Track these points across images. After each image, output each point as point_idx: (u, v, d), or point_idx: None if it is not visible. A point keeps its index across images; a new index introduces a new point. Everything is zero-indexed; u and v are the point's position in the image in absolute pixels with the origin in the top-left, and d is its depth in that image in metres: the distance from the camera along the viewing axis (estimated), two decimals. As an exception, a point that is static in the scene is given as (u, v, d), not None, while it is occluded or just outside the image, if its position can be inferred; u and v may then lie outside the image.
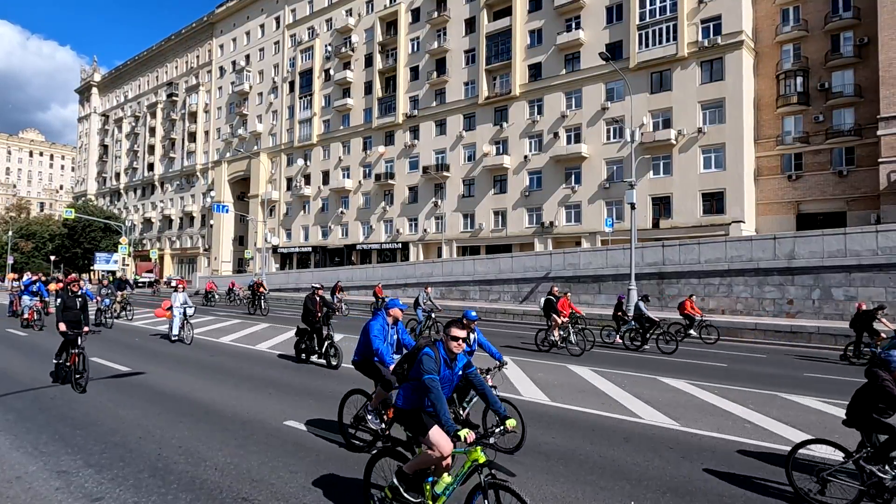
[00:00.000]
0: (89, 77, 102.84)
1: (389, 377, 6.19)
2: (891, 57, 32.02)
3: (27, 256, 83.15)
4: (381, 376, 6.44)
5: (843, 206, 34.42)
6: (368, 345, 6.44)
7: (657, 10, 38.71)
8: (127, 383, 10.05)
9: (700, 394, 9.73)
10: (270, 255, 61.39)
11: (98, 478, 5.49)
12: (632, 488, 5.43)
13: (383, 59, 55.43)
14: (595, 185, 41.06)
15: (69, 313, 9.77)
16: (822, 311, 20.79)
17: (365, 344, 6.52)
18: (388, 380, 6.25)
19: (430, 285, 25.22)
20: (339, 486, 5.37)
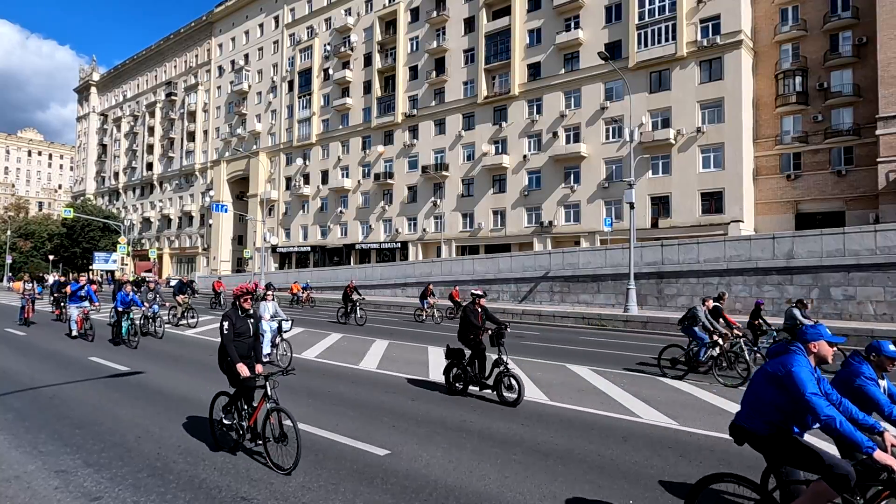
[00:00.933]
0: (88, 76, 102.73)
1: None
2: (889, 56, 32.06)
3: (26, 256, 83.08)
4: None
5: (842, 206, 34.46)
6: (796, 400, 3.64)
7: (656, 10, 38.73)
8: (126, 383, 10.04)
9: (699, 393, 9.74)
10: (269, 255, 61.39)
11: (97, 477, 5.48)
12: (630, 487, 5.44)
13: (382, 58, 55.41)
14: (594, 184, 41.08)
15: (242, 344, 6.12)
16: (821, 311, 20.79)
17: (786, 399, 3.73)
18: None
19: (430, 284, 25.20)
20: (338, 485, 5.37)
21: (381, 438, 6.83)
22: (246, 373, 5.87)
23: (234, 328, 6.13)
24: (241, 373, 5.85)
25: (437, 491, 5.26)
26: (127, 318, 14.33)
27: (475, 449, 6.52)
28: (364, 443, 6.63)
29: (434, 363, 12.45)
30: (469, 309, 9.54)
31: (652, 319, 21.67)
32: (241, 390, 6.09)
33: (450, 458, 6.20)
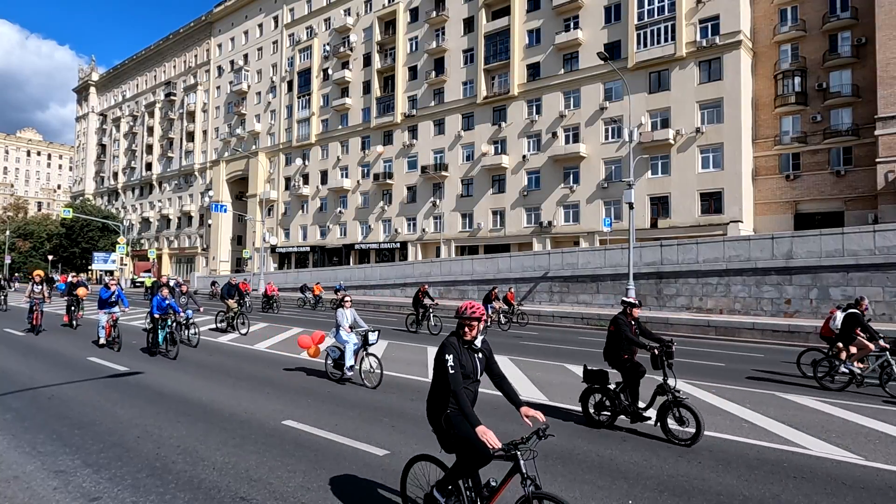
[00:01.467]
0: (87, 76, 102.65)
1: None
2: (888, 57, 32.09)
3: (24, 256, 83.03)
4: None
5: (841, 206, 34.49)
6: None
7: (655, 10, 38.75)
8: (125, 383, 10.04)
9: (697, 393, 9.74)
10: (269, 255, 61.38)
11: (96, 477, 5.48)
12: (629, 487, 5.44)
13: (382, 58, 55.41)
14: (593, 184, 41.10)
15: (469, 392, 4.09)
16: (820, 311, 20.80)
17: None
18: None
19: (429, 284, 25.22)
20: (337, 484, 5.37)
21: (379, 438, 6.83)
22: (495, 443, 3.71)
23: (462, 367, 4.05)
24: (488, 443, 3.70)
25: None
26: (164, 326, 12.93)
27: (474, 449, 6.51)
28: (363, 443, 6.63)
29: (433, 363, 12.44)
30: (621, 321, 7.63)
31: (651, 320, 21.66)
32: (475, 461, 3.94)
33: (449, 458, 6.19)
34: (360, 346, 10.30)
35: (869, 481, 5.71)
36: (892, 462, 6.29)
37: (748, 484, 5.57)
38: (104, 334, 14.05)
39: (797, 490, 5.42)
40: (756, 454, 6.50)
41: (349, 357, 10.24)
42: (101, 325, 14.07)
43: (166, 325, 12.92)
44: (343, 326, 10.52)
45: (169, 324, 12.90)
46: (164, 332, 12.91)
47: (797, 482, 5.62)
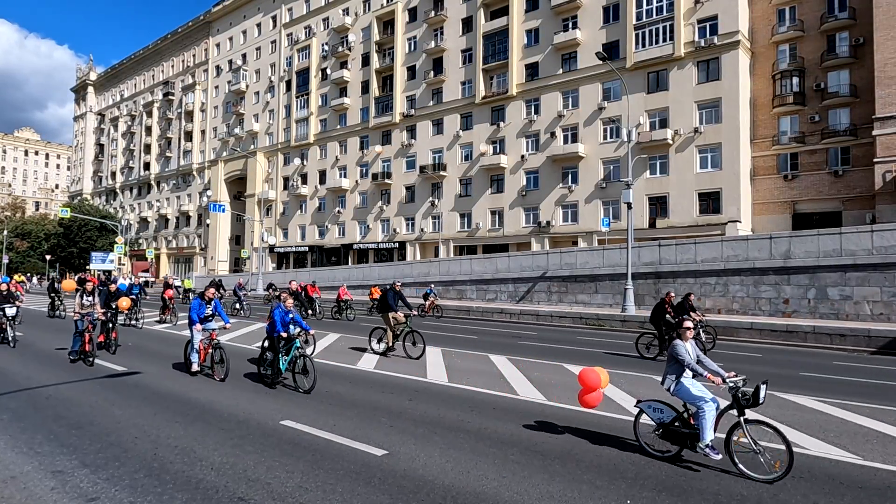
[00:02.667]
0: (85, 76, 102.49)
1: None
2: (886, 57, 32.15)
3: (22, 256, 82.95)
4: None
5: (839, 206, 34.55)
6: None
7: (654, 10, 38.78)
8: (122, 383, 10.02)
9: (696, 393, 9.74)
10: (267, 255, 61.33)
11: (93, 478, 5.47)
12: (628, 487, 5.44)
13: (380, 58, 55.38)
14: (592, 184, 41.11)
15: None
16: (818, 311, 20.85)
17: None
18: None
19: (427, 285, 25.26)
20: (335, 485, 5.37)
21: (378, 438, 6.82)
22: None
23: None
24: None
25: (434, 491, 5.26)
26: (290, 347, 9.68)
27: (473, 449, 6.52)
28: (361, 443, 6.62)
29: (431, 363, 12.46)
30: None
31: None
32: None
33: (447, 458, 6.20)
34: None
35: (866, 481, 5.71)
36: (889, 462, 6.29)
37: (746, 483, 5.57)
38: (198, 358, 10.66)
39: (795, 490, 5.43)
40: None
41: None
42: (193, 347, 10.67)
43: (293, 347, 9.66)
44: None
45: (298, 346, 9.71)
46: (285, 358, 9.66)
47: (795, 482, 5.62)
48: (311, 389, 9.14)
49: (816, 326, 18.27)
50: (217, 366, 10.38)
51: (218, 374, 10.28)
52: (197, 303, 10.65)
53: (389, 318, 13.39)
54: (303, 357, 9.53)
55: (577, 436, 7.14)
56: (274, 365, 9.72)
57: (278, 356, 9.65)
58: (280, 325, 9.63)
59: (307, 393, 9.10)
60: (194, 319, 10.44)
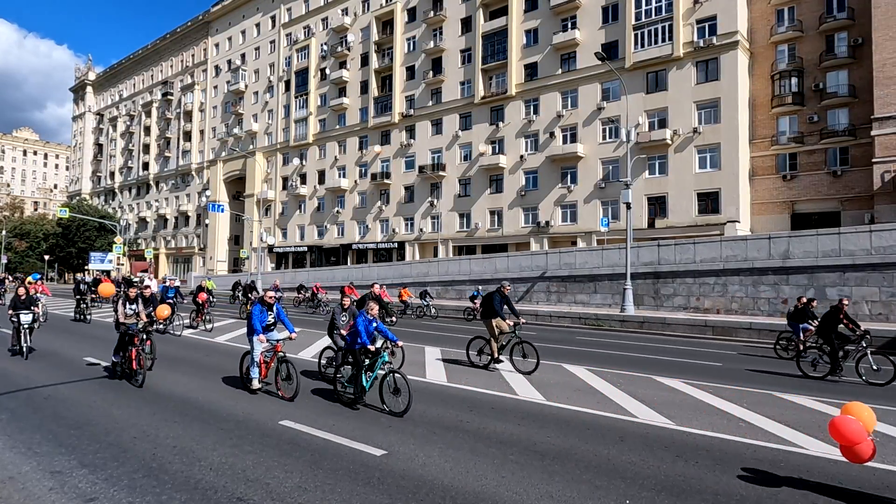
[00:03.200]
0: (84, 76, 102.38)
1: None
2: (885, 57, 32.18)
3: (21, 256, 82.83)
4: None
5: (838, 206, 34.58)
6: None
7: (653, 11, 38.79)
8: (120, 384, 10.00)
9: (695, 393, 9.76)
10: (266, 255, 61.30)
11: (92, 478, 5.46)
12: (627, 487, 5.45)
13: (379, 58, 55.37)
14: (591, 184, 41.12)
15: None
16: (817, 311, 20.83)
17: None
18: None
19: (427, 284, 25.25)
20: (334, 485, 5.36)
21: (377, 439, 6.82)
22: None
23: None
24: None
25: (433, 491, 5.26)
26: (375, 362, 8.40)
27: (472, 449, 6.52)
28: (361, 443, 6.62)
29: (430, 363, 12.45)
30: None
31: (648, 319, 21.71)
32: None
33: (446, 458, 6.20)
34: None
35: (866, 481, 5.72)
36: (888, 462, 6.30)
37: (745, 484, 5.57)
38: (258, 373, 9.11)
39: (794, 490, 5.43)
40: (753, 454, 6.51)
41: None
42: (254, 360, 9.11)
43: (378, 361, 8.37)
44: None
45: (385, 360, 8.36)
46: (373, 372, 8.39)
47: (794, 481, 5.63)
48: (404, 412, 7.75)
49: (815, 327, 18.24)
50: (284, 383, 8.88)
51: (285, 391, 8.83)
52: (258, 309, 9.11)
53: (494, 325, 11.69)
54: (392, 374, 8.13)
55: (575, 436, 7.14)
56: (356, 382, 8.34)
57: (362, 372, 8.30)
58: (365, 335, 8.31)
59: (399, 416, 7.73)
60: (257, 329, 8.94)
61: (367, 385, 8.34)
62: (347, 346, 8.76)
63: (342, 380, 8.70)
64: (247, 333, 9.26)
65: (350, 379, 8.56)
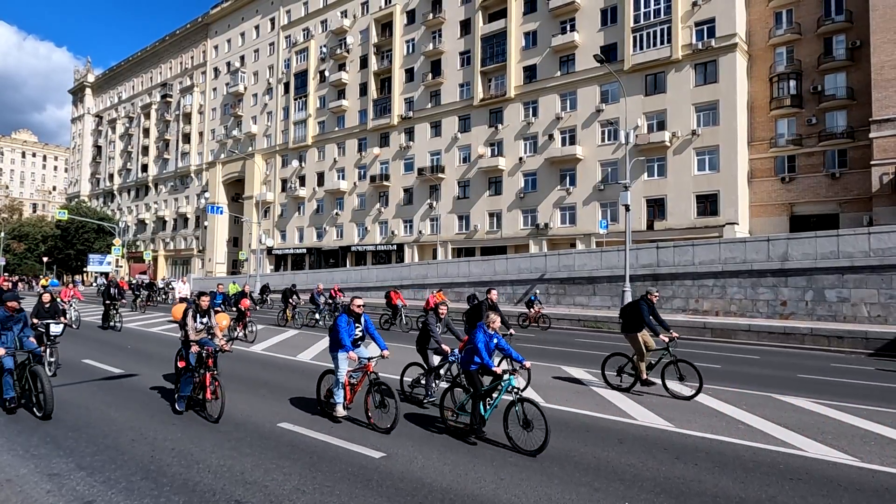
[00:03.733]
0: (83, 78, 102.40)
1: None
2: (883, 60, 32.25)
3: (20, 258, 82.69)
4: None
5: (836, 208, 34.62)
6: None
7: (651, 13, 38.86)
8: (119, 385, 9.99)
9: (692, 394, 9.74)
10: (265, 257, 61.27)
11: (90, 480, 5.45)
12: (626, 489, 5.44)
13: (378, 60, 55.42)
14: (590, 186, 41.15)
15: None
16: (816, 313, 20.88)
17: None
18: None
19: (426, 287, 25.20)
20: (333, 487, 5.35)
21: (376, 441, 6.81)
22: None
23: None
24: None
25: (432, 493, 5.25)
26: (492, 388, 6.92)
27: (470, 451, 6.51)
28: (359, 445, 6.61)
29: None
30: None
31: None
32: None
33: (445, 460, 6.19)
34: None
35: (864, 483, 5.72)
36: (887, 463, 6.30)
37: (744, 486, 5.57)
38: (343, 398, 7.76)
39: (793, 492, 5.43)
40: (752, 456, 6.51)
41: None
42: (338, 381, 7.71)
43: (504, 388, 6.87)
44: None
45: (513, 384, 6.73)
46: (494, 400, 6.96)
47: (793, 483, 5.63)
48: (538, 451, 6.32)
49: (814, 328, 18.30)
50: (377, 410, 7.38)
51: (378, 420, 7.33)
52: (344, 320, 7.69)
53: (640, 340, 9.86)
54: (521, 402, 6.59)
55: (574, 438, 7.13)
56: (474, 411, 6.84)
57: (480, 400, 6.84)
58: (486, 353, 6.91)
59: (531, 455, 6.32)
60: (346, 344, 7.49)
61: (486, 415, 6.91)
62: (461, 368, 7.34)
63: (456, 406, 7.25)
64: (330, 349, 7.86)
65: (463, 405, 7.14)
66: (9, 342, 8.10)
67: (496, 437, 6.88)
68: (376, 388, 7.42)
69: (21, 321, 8.29)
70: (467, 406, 7.07)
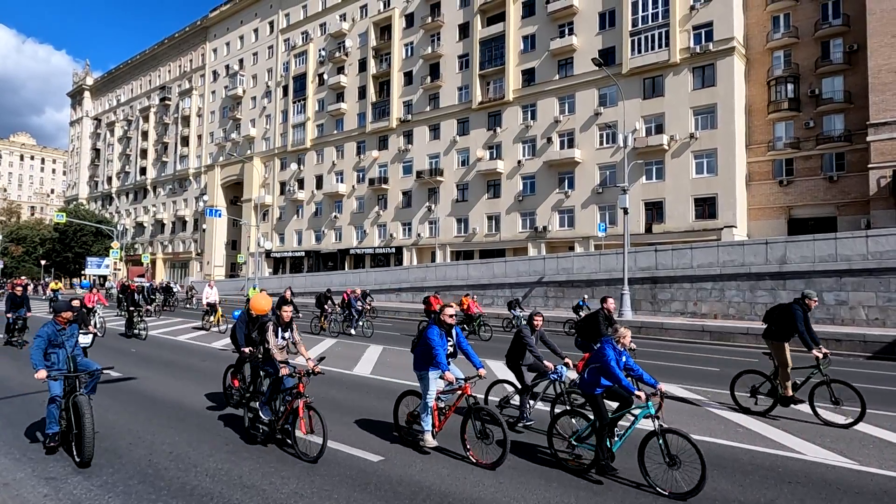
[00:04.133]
0: (81, 81, 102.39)
1: None
2: (880, 63, 32.37)
3: (17, 261, 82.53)
4: None
5: (834, 212, 34.70)
6: None
7: (649, 17, 38.98)
8: (117, 388, 9.96)
9: (692, 397, 9.74)
10: (263, 260, 61.21)
11: (87, 484, 5.43)
12: (625, 493, 5.43)
13: (377, 63, 55.49)
14: (588, 189, 41.21)
15: None
16: (814, 316, 20.71)
17: None
18: None
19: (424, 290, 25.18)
20: (331, 491, 5.34)
21: (374, 444, 6.80)
22: None
23: None
24: None
25: (431, 497, 5.24)
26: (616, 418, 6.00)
27: (469, 454, 6.48)
28: (358, 449, 6.60)
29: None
30: None
31: (646, 324, 21.70)
32: None
33: (444, 463, 6.17)
34: None
35: (863, 486, 5.71)
36: (886, 467, 6.30)
37: (743, 489, 5.56)
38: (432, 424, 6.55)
39: (792, 495, 5.42)
40: (750, 459, 6.50)
41: None
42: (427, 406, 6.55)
43: (639, 414, 5.81)
44: None
45: (651, 411, 5.60)
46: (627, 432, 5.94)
47: (792, 487, 5.62)
48: (690, 494, 5.26)
49: (812, 331, 18.28)
50: (481, 443, 6.19)
51: (480, 454, 6.17)
52: (436, 332, 6.50)
53: (787, 352, 8.35)
54: (663, 433, 5.47)
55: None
56: (601, 444, 5.78)
57: (607, 431, 5.84)
58: (622, 375, 5.87)
59: (681, 500, 5.27)
60: (441, 361, 6.32)
61: (615, 447, 5.85)
62: (584, 393, 6.15)
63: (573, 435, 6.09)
64: (416, 367, 6.66)
65: (581, 436, 6.03)
66: (60, 363, 6.50)
67: (627, 472, 5.81)
68: (476, 414, 6.28)
69: (74, 335, 6.80)
70: (586, 436, 5.96)
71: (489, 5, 47.05)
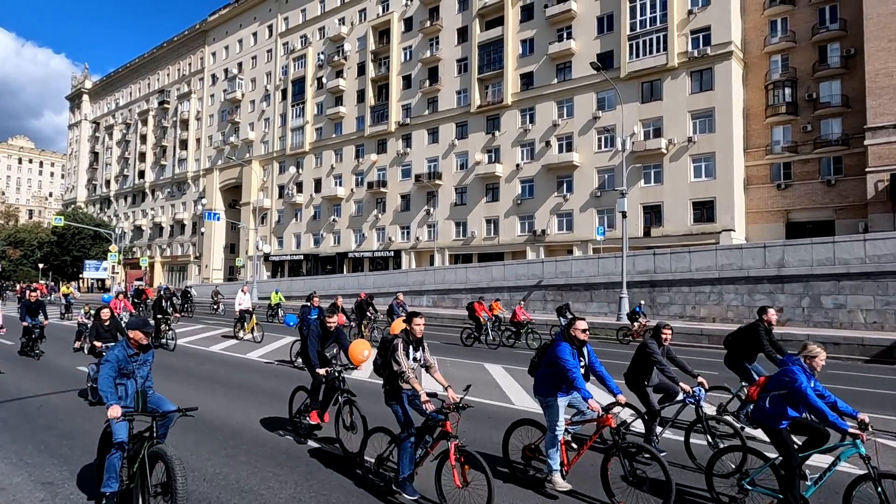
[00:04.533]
0: (80, 84, 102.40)
1: None
2: (877, 67, 32.49)
3: (15, 264, 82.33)
4: None
5: (832, 215, 34.76)
6: None
7: (647, 21, 39.11)
8: (115, 392, 9.90)
9: (691, 402, 9.71)
10: (262, 263, 61.15)
11: (83, 489, 5.40)
12: (623, 494, 5.41)
13: (376, 67, 55.58)
14: (587, 193, 41.26)
15: None
16: (812, 319, 20.92)
17: None
18: None
19: (424, 293, 25.17)
20: (330, 495, 5.32)
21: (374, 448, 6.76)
22: None
23: None
24: None
25: (430, 501, 5.22)
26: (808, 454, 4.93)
27: (468, 459, 6.45)
28: (356, 453, 6.56)
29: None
30: None
31: (645, 327, 21.67)
32: None
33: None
34: None
35: (862, 490, 5.68)
36: (885, 470, 6.26)
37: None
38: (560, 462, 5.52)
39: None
40: (750, 463, 6.47)
41: None
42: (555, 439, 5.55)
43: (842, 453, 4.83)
44: None
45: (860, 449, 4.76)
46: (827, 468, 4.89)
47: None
48: None
49: (810, 335, 18.29)
50: (632, 489, 5.12)
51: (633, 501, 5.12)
52: (568, 350, 5.47)
53: None
54: (879, 480, 4.51)
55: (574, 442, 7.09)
56: (788, 488, 4.76)
57: (798, 473, 4.79)
58: (822, 405, 4.73)
59: None
60: (581, 386, 5.28)
61: (808, 493, 4.82)
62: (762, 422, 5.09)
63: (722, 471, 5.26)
64: (538, 391, 5.81)
65: (753, 479, 5.09)
66: (128, 398, 5.00)
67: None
68: (623, 451, 5.09)
69: (147, 362, 5.21)
70: (758, 478, 5.04)
71: (488, 9, 47.19)
